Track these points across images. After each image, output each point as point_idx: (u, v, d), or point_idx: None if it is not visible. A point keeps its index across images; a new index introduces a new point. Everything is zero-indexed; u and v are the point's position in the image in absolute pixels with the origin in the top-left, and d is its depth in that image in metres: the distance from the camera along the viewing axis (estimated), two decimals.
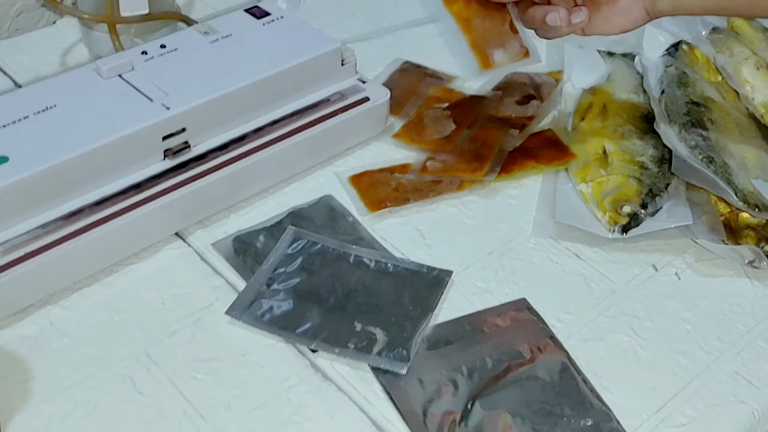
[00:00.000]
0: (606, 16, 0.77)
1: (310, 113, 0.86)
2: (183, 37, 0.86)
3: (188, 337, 0.72)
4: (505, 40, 0.78)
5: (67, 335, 0.72)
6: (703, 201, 0.84)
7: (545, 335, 0.74)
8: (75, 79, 0.80)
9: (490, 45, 0.78)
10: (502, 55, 0.78)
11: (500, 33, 0.79)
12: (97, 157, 0.74)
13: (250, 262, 0.78)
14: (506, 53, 0.78)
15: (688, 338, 0.75)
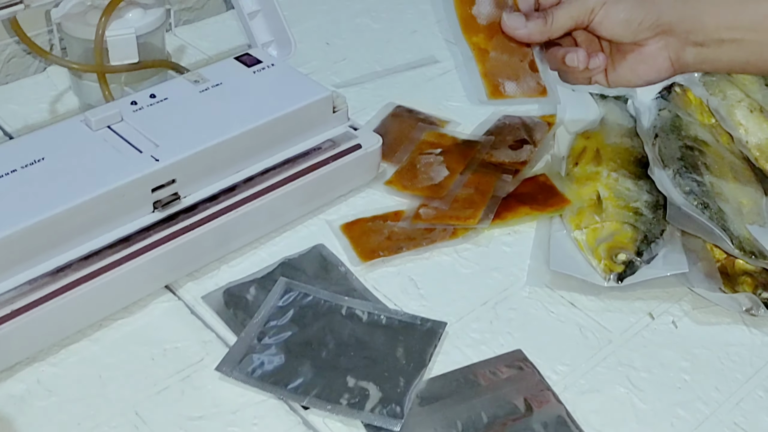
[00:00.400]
0: (631, 65, 0.77)
1: (302, 162, 0.85)
2: (173, 86, 0.86)
3: (178, 394, 0.71)
4: (521, 74, 0.77)
5: (55, 393, 0.70)
6: (698, 247, 0.83)
7: (542, 388, 0.73)
8: (63, 131, 0.80)
9: (504, 76, 0.77)
10: (515, 87, 0.77)
11: (517, 68, 0.77)
12: (85, 211, 0.73)
13: (240, 315, 0.76)
14: (519, 87, 0.77)
15: (687, 389, 0.74)
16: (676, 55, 0.75)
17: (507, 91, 0.77)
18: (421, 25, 1.19)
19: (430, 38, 1.17)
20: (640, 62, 0.76)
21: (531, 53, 0.79)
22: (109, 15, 0.89)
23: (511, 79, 0.77)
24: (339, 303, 0.77)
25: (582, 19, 0.75)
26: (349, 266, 0.82)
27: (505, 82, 0.77)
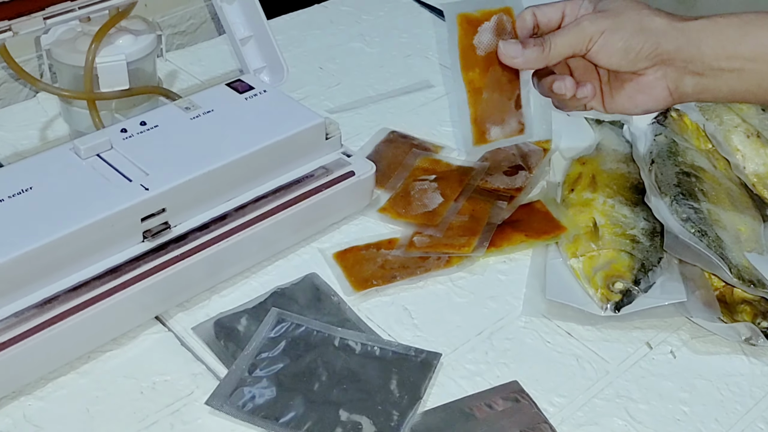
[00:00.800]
0: (629, 93, 0.76)
1: (294, 189, 0.84)
2: (164, 113, 0.85)
3: (167, 428, 0.69)
4: (506, 116, 0.78)
5: (42, 428, 0.69)
6: (696, 276, 0.82)
7: (538, 421, 0.71)
8: (52, 160, 0.79)
9: (491, 120, 0.77)
10: (499, 131, 0.77)
11: (504, 109, 0.78)
12: (73, 241, 0.72)
13: (231, 347, 0.75)
14: (503, 130, 0.78)
15: (686, 421, 0.73)
16: (675, 84, 0.74)
17: (491, 136, 0.77)
18: (415, 50, 1.18)
19: (424, 63, 1.16)
20: (638, 91, 0.75)
21: (518, 87, 0.79)
22: (99, 41, 0.88)
23: (496, 124, 0.78)
24: (332, 334, 0.76)
25: (580, 47, 0.74)
26: (342, 296, 0.81)
27: (491, 127, 0.77)
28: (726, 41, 0.72)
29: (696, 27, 0.73)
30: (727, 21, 0.73)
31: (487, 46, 0.76)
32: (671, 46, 0.72)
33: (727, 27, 0.72)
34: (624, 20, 0.73)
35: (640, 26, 0.73)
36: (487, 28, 0.77)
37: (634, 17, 0.73)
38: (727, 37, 0.72)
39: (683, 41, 0.72)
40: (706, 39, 0.72)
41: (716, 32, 0.72)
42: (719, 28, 0.72)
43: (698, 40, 0.72)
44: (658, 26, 0.73)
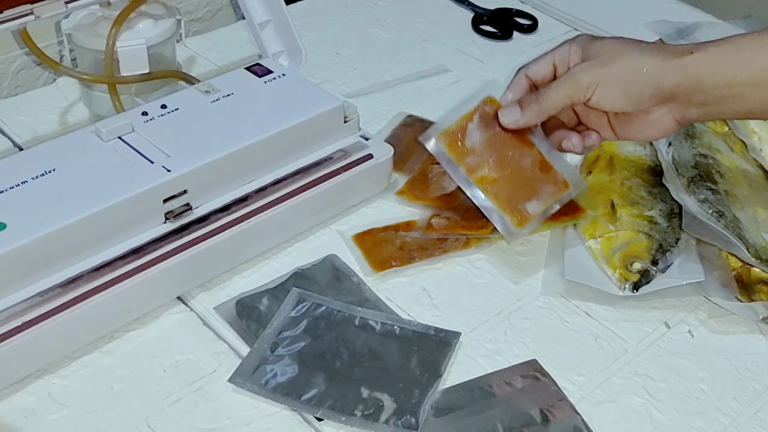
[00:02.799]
0: (638, 127, 0.76)
1: (313, 172, 0.85)
2: (184, 96, 0.86)
3: (191, 406, 0.70)
4: (536, 186, 0.77)
5: (66, 406, 0.70)
6: (714, 256, 0.83)
7: (557, 398, 0.72)
8: (74, 142, 0.79)
9: (521, 200, 0.77)
10: (536, 204, 0.77)
11: (530, 182, 0.78)
12: (96, 222, 0.72)
13: (253, 326, 0.76)
14: (541, 199, 0.77)
15: (704, 399, 0.73)
16: (681, 115, 0.75)
17: (531, 211, 0.77)
18: (430, 35, 1.19)
19: (440, 47, 1.16)
20: (646, 125, 0.76)
21: (535, 154, 0.79)
22: (119, 26, 0.88)
23: (530, 199, 0.77)
24: (352, 313, 0.77)
25: (577, 97, 0.74)
26: (361, 276, 0.82)
27: (526, 204, 0.77)
28: (725, 70, 0.72)
29: (692, 61, 0.72)
30: (722, 50, 0.72)
31: (482, 141, 0.78)
32: (671, 83, 0.72)
33: (724, 56, 0.72)
34: (618, 68, 0.73)
35: (635, 71, 0.73)
36: (473, 128, 0.78)
37: (627, 63, 0.73)
38: (726, 66, 0.72)
39: (682, 77, 0.72)
40: (704, 71, 0.72)
41: (713, 63, 0.72)
42: (716, 59, 0.72)
43: (697, 73, 0.72)
44: (653, 67, 0.73)
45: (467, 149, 0.79)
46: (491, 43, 1.18)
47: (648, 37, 1.14)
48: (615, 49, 0.74)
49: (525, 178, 0.78)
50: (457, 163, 0.78)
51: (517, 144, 0.79)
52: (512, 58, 1.15)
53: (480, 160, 0.78)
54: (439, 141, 0.79)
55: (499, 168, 0.78)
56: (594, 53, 0.75)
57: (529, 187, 0.77)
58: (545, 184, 0.78)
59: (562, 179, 0.78)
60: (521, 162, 0.78)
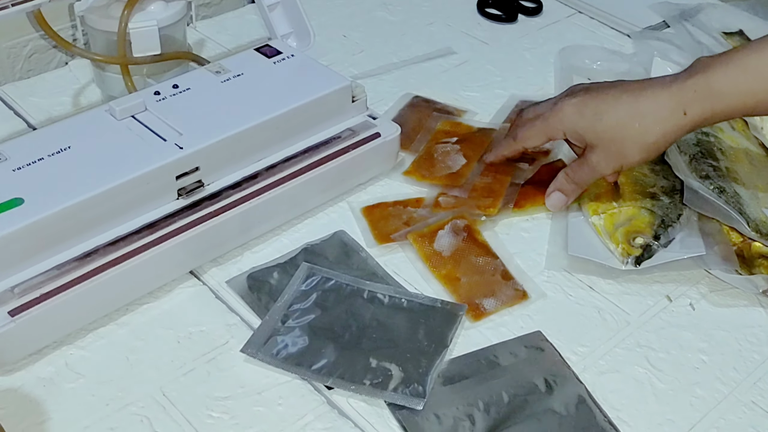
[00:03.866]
0: None
1: (322, 150, 0.86)
2: (195, 76, 0.87)
3: (204, 375, 0.72)
4: (496, 287, 0.80)
5: (83, 376, 0.72)
6: (715, 231, 0.84)
7: (561, 368, 0.74)
8: (89, 121, 0.81)
9: (480, 295, 0.79)
10: (494, 302, 0.79)
11: (490, 282, 0.80)
12: (111, 197, 0.74)
13: (264, 299, 0.78)
14: (498, 299, 0.79)
15: (705, 369, 0.75)
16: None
17: (487, 308, 0.79)
18: (437, 18, 1.20)
19: (445, 30, 1.18)
20: None
21: (501, 264, 0.82)
22: (131, 7, 0.90)
23: (487, 296, 0.79)
24: (361, 287, 0.78)
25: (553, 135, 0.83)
26: (366, 249, 0.83)
27: (482, 301, 0.79)
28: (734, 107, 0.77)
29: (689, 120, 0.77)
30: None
31: (450, 246, 0.83)
32: (671, 142, 0.78)
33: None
34: (630, 156, 0.79)
35: (646, 152, 0.79)
36: (443, 234, 0.83)
37: (633, 147, 0.78)
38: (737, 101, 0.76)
39: (679, 136, 0.78)
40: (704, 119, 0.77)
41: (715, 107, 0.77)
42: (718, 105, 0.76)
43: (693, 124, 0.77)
44: (656, 143, 0.78)
45: (435, 250, 0.82)
46: (496, 25, 1.20)
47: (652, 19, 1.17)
48: (619, 137, 0.78)
49: (486, 282, 0.80)
50: (423, 260, 0.82)
51: (482, 253, 0.83)
52: (517, 40, 1.16)
53: (445, 261, 0.82)
54: (409, 238, 0.83)
55: (462, 270, 0.81)
56: (599, 142, 0.79)
57: (489, 288, 0.80)
58: (505, 288, 0.80)
59: (522, 290, 0.80)
60: (484, 268, 0.81)
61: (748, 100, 0.75)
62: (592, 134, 0.79)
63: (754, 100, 0.75)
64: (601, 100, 0.79)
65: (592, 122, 0.79)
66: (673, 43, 1.11)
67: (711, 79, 0.75)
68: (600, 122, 0.78)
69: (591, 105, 0.79)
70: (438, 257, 0.82)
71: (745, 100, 0.75)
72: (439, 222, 0.85)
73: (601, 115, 0.78)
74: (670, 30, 1.17)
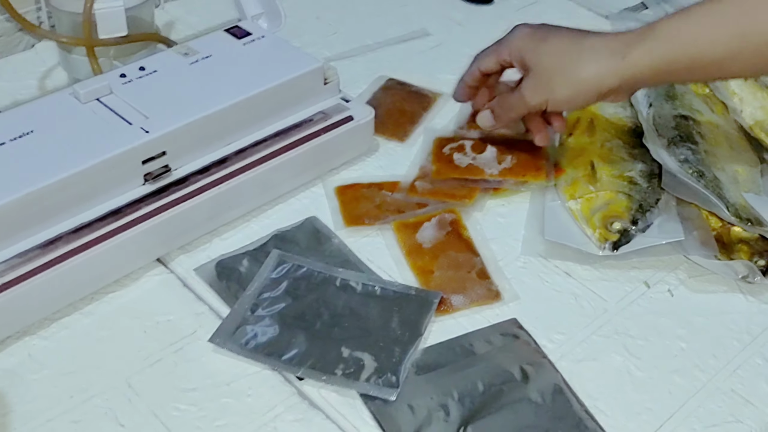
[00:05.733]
0: None
1: (293, 134, 0.84)
2: (162, 58, 0.85)
3: (171, 366, 0.70)
4: (468, 285, 0.77)
5: (47, 367, 0.70)
6: (694, 216, 0.83)
7: (537, 356, 0.72)
8: (52, 104, 0.79)
9: (449, 290, 0.77)
10: (462, 299, 0.77)
11: (463, 280, 0.78)
12: (75, 183, 0.72)
13: (233, 287, 0.76)
14: (467, 297, 0.77)
15: (683, 356, 0.74)
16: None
17: (454, 304, 0.76)
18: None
19: (420, 11, 1.16)
20: None
21: (480, 262, 0.80)
22: None
23: (457, 293, 0.77)
24: (333, 274, 0.76)
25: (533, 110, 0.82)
26: (340, 236, 0.81)
27: (451, 297, 0.77)
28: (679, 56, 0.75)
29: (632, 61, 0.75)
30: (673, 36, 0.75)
31: (432, 239, 0.81)
32: (607, 88, 0.77)
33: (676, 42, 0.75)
34: (560, 90, 0.79)
35: (576, 90, 0.78)
36: (428, 226, 0.82)
37: (567, 83, 0.78)
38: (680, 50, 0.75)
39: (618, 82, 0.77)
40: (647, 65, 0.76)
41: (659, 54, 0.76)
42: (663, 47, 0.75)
43: (639, 71, 0.76)
44: (590, 82, 0.77)
45: (416, 241, 0.81)
46: (472, 7, 1.18)
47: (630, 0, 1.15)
48: (554, 65, 0.79)
49: (459, 278, 0.78)
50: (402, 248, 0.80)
51: (462, 249, 0.81)
52: (493, 22, 1.14)
53: (424, 252, 0.80)
54: (393, 226, 0.82)
55: (438, 264, 0.79)
56: (535, 66, 0.80)
57: (460, 285, 0.78)
58: (478, 287, 0.78)
59: (496, 290, 0.78)
60: (461, 264, 0.79)
61: (689, 48, 0.74)
62: (531, 57, 0.80)
63: (695, 49, 0.74)
64: (549, 30, 0.81)
65: (536, 45, 0.80)
66: None
67: (655, 25, 0.75)
68: (541, 45, 0.79)
69: (540, 32, 0.81)
70: (417, 248, 0.80)
71: (686, 48, 0.74)
72: (428, 213, 0.83)
73: (545, 40, 0.79)
74: (648, 11, 1.15)
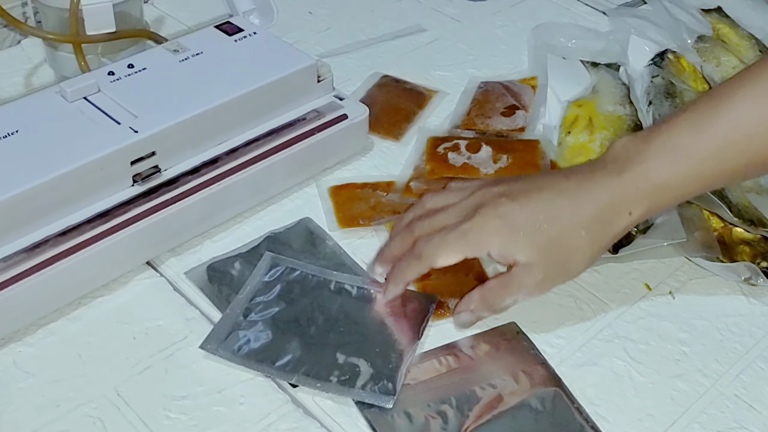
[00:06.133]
0: None
1: (286, 133, 0.82)
2: (152, 55, 0.83)
3: (161, 373, 0.68)
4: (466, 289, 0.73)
5: (32, 375, 0.68)
6: (695, 216, 0.81)
7: (537, 362, 0.71)
8: (38, 103, 0.77)
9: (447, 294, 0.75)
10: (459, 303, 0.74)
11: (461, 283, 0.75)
12: (61, 184, 0.70)
13: (225, 291, 0.74)
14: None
15: (686, 361, 0.72)
16: None
17: (452, 308, 0.74)
18: None
19: (415, 6, 1.14)
20: None
21: (478, 264, 0.77)
22: None
23: (455, 296, 0.74)
24: (327, 278, 0.75)
25: (473, 255, 0.70)
26: (334, 237, 0.80)
27: (449, 300, 0.75)
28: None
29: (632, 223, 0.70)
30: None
31: None
32: (618, 238, 0.71)
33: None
34: (574, 270, 0.70)
35: (591, 260, 0.70)
36: None
37: (579, 261, 0.69)
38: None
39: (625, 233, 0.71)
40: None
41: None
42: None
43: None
44: (604, 246, 0.70)
45: None
46: (467, 2, 1.16)
47: None
48: (559, 253, 0.69)
49: (457, 281, 0.76)
50: None
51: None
52: (489, 17, 1.12)
53: None
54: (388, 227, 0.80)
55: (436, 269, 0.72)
56: (538, 262, 0.68)
57: (458, 288, 0.75)
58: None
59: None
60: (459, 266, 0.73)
61: (692, 186, 0.69)
62: (528, 251, 0.68)
63: (699, 185, 0.69)
64: (534, 210, 0.68)
65: (529, 238, 0.67)
66: (650, 21, 1.07)
67: (650, 173, 0.68)
68: (539, 236, 0.68)
69: (522, 217, 0.68)
70: None
71: (689, 188, 0.69)
72: None
73: (540, 229, 0.68)
74: (647, 7, 1.13)
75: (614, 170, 0.69)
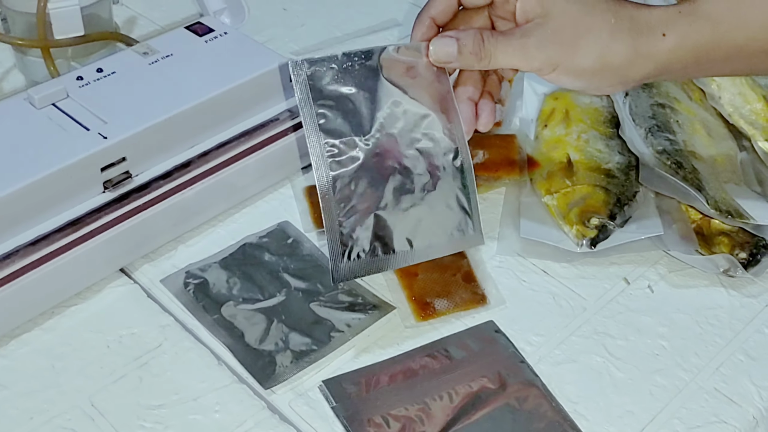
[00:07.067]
0: None
1: (259, 134, 0.81)
2: (121, 59, 0.82)
3: (135, 382, 0.68)
4: (453, 289, 0.74)
5: (5, 387, 0.67)
6: (673, 208, 0.81)
7: (515, 360, 0.70)
8: (5, 110, 0.76)
9: (433, 295, 0.74)
10: (446, 303, 0.73)
11: (448, 283, 0.75)
12: (30, 194, 0.69)
13: (201, 297, 0.73)
14: (451, 301, 0.74)
15: (665, 355, 0.72)
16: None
17: (438, 308, 0.73)
18: None
19: (390, 1, 1.13)
20: None
21: (467, 264, 0.77)
22: None
23: (441, 296, 0.74)
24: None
25: (526, 69, 0.64)
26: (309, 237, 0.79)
27: (435, 300, 0.74)
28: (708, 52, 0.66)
29: (663, 51, 0.64)
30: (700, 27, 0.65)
31: None
32: (638, 75, 0.65)
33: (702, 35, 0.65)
34: (582, 59, 0.63)
35: (602, 65, 0.63)
36: None
37: (593, 52, 0.63)
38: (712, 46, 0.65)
39: (651, 69, 0.65)
40: (676, 59, 0.65)
41: (690, 48, 0.65)
42: (694, 41, 0.65)
43: (667, 64, 0.65)
44: (623, 60, 0.63)
45: None
46: None
47: None
48: (582, 23, 0.63)
49: (444, 281, 0.75)
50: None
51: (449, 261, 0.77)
52: None
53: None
54: None
55: (422, 265, 0.72)
56: (557, 14, 0.62)
57: (445, 288, 0.74)
58: (462, 291, 0.75)
59: (481, 293, 0.75)
60: (447, 266, 0.75)
61: (737, 32, 0.64)
62: (551, 4, 0.63)
63: (744, 34, 0.64)
64: (589, 11, 0.63)
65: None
66: None
67: (699, 1, 0.64)
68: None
69: (574, 12, 0.63)
70: None
71: (734, 31, 0.64)
72: None
73: (580, 36, 0.62)
74: None
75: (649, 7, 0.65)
